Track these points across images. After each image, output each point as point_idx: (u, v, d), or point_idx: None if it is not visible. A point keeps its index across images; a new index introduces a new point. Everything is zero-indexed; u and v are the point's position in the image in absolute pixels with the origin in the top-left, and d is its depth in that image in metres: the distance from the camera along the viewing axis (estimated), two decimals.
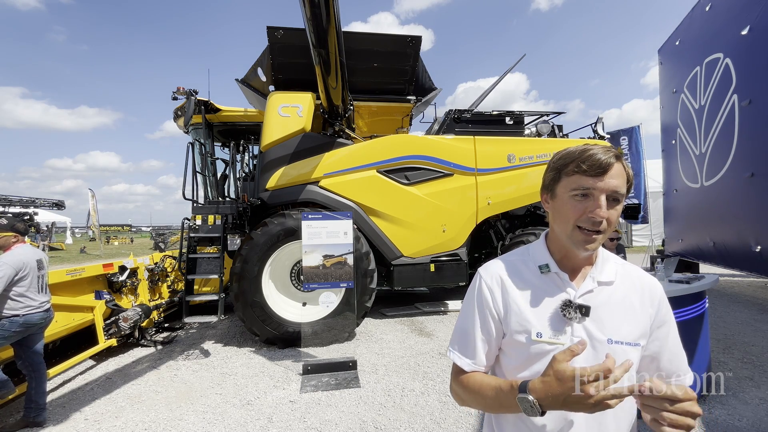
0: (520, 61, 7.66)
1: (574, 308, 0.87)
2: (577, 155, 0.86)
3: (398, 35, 5.89)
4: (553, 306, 0.89)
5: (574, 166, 0.86)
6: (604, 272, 0.93)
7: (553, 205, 0.93)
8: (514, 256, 1.01)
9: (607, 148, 0.85)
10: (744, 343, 4.50)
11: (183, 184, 5.28)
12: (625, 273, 0.95)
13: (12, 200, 8.16)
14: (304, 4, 3.41)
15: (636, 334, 0.88)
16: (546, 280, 0.93)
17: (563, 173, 0.89)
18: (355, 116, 6.57)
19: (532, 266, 0.96)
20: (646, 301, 0.92)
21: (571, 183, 0.86)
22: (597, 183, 0.83)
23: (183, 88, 5.25)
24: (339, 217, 4.38)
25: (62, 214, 24.75)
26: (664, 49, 8.11)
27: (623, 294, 0.91)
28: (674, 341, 0.93)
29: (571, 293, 0.90)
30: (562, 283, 0.92)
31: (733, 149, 5.46)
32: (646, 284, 0.94)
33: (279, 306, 4.97)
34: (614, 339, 0.86)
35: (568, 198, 0.87)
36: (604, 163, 0.83)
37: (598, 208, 0.82)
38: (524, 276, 0.95)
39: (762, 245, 4.95)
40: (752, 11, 4.99)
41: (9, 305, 2.99)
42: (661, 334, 0.91)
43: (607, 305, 0.89)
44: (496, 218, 6.33)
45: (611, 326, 0.87)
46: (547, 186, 0.94)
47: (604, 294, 0.91)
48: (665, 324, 0.92)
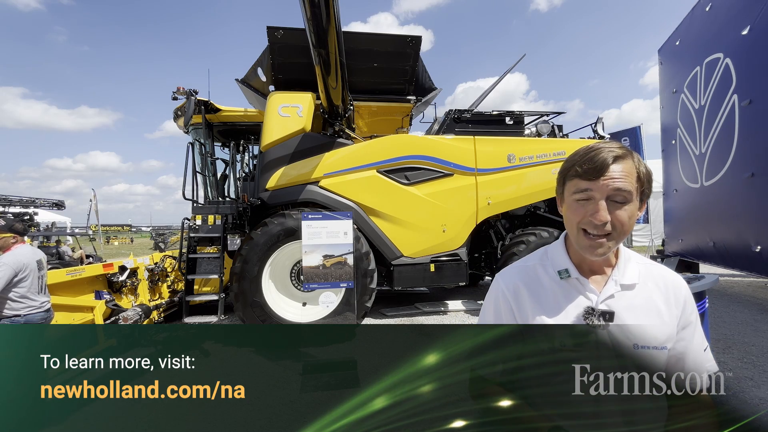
0: (520, 61, 7.66)
1: (597, 315, 0.84)
2: (577, 158, 0.84)
3: (398, 35, 5.89)
4: (575, 313, 0.86)
5: (573, 169, 0.84)
6: (626, 274, 0.89)
7: (564, 209, 0.91)
8: (533, 261, 0.98)
9: (612, 146, 0.82)
10: (744, 343, 4.49)
11: (183, 184, 5.28)
12: (648, 273, 0.91)
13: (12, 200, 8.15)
14: (304, 4, 3.41)
15: (662, 338, 0.84)
16: (566, 285, 0.89)
17: (566, 177, 0.87)
18: (355, 116, 6.56)
19: (551, 271, 0.92)
20: (671, 302, 0.88)
21: (572, 186, 0.85)
22: (593, 185, 0.81)
23: (183, 88, 5.25)
24: (339, 217, 4.38)
25: (62, 214, 24.74)
26: (664, 49, 8.11)
27: (647, 296, 0.88)
28: (699, 340, 0.90)
29: (592, 299, 0.87)
30: (582, 288, 0.88)
31: (733, 149, 5.46)
32: (670, 284, 0.90)
33: (279, 306, 4.97)
34: (641, 344, 0.81)
35: (572, 202, 0.85)
36: (599, 164, 0.80)
37: (596, 211, 0.80)
38: (543, 282, 0.92)
39: (762, 245, 4.95)
40: (752, 11, 4.99)
41: (10, 306, 2.99)
42: (686, 334, 0.88)
43: (632, 309, 0.86)
44: (496, 218, 6.32)
45: (637, 331, 0.83)
46: (558, 190, 0.93)
47: (628, 297, 0.87)
48: (691, 324, 0.89)
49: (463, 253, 5.83)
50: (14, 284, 3.02)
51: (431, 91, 6.67)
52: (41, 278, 3.25)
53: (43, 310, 3.16)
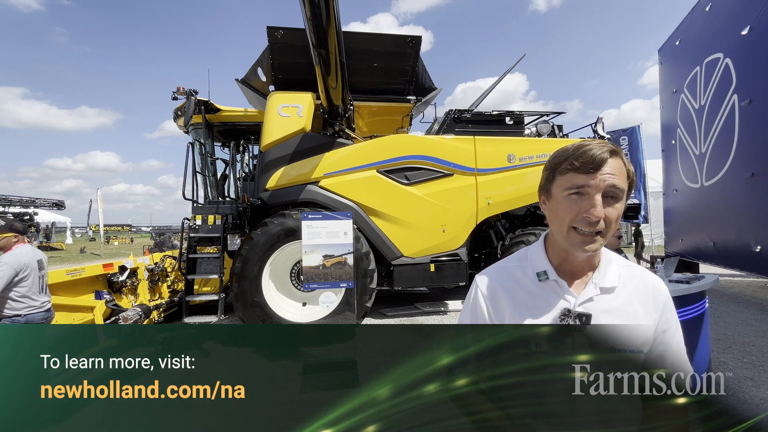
0: (520, 61, 7.66)
1: (574, 317, 0.83)
2: (570, 152, 0.82)
3: (398, 35, 5.89)
4: (552, 316, 0.85)
5: (568, 163, 0.82)
6: (606, 277, 0.88)
7: (550, 206, 0.89)
8: (512, 262, 0.97)
9: (602, 143, 0.81)
10: (744, 343, 4.49)
11: (183, 184, 5.28)
12: (629, 275, 0.90)
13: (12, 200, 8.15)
14: (304, 4, 3.41)
15: (639, 342, 0.83)
16: (544, 287, 0.88)
17: (557, 172, 0.85)
18: (355, 116, 6.56)
19: (530, 273, 0.91)
20: (650, 306, 0.87)
21: (565, 182, 0.82)
22: (590, 180, 0.79)
23: (183, 88, 5.25)
24: (339, 217, 4.38)
25: (62, 214, 24.77)
26: (664, 49, 8.12)
27: (626, 299, 0.87)
28: (678, 344, 0.88)
29: (570, 301, 0.86)
30: (560, 290, 0.87)
31: (733, 149, 5.46)
32: (650, 287, 0.89)
33: (279, 306, 4.97)
34: (617, 348, 0.81)
35: (563, 198, 0.83)
36: (597, 158, 0.78)
37: (592, 207, 0.78)
38: (522, 284, 0.91)
39: (762, 245, 4.95)
40: (752, 11, 4.99)
41: (11, 306, 3.00)
42: (665, 338, 0.87)
43: (609, 312, 0.85)
44: (496, 218, 6.32)
45: (613, 335, 0.82)
46: (543, 186, 0.90)
47: (606, 300, 0.86)
48: (670, 328, 0.88)
49: (463, 253, 5.83)
50: (15, 284, 3.02)
51: (431, 91, 6.67)
52: (42, 278, 3.25)
53: (44, 310, 3.16)
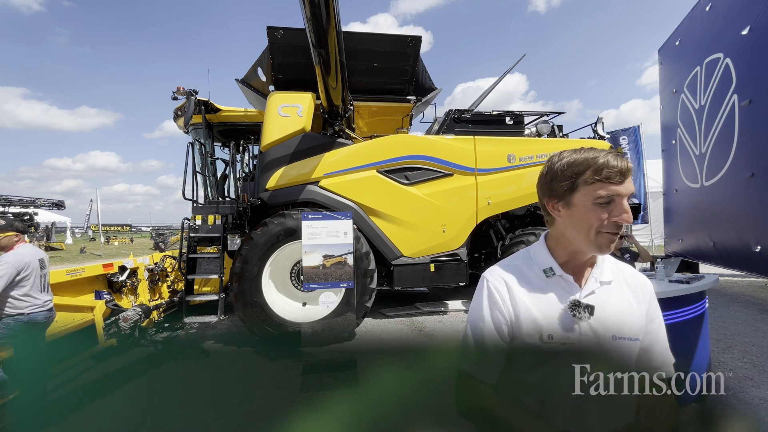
0: (520, 61, 7.67)
1: (583, 308, 0.90)
2: (592, 162, 0.88)
3: (398, 35, 5.89)
4: (561, 307, 0.92)
5: (593, 174, 0.87)
6: (604, 272, 0.97)
7: (569, 214, 0.92)
8: (517, 260, 1.03)
9: (612, 152, 0.88)
10: (744, 343, 4.49)
11: (183, 184, 5.27)
12: (620, 271, 1.01)
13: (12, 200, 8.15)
14: (304, 4, 3.41)
15: (635, 330, 0.93)
16: (551, 283, 0.96)
17: (580, 182, 0.89)
18: (355, 116, 6.56)
19: (536, 269, 0.98)
20: (640, 298, 0.98)
21: (593, 191, 0.87)
22: (620, 189, 0.86)
23: (183, 88, 5.24)
24: (339, 217, 4.38)
25: (62, 214, 24.75)
26: (664, 49, 8.12)
27: (620, 292, 0.97)
28: (664, 334, 0.99)
29: (576, 294, 0.94)
30: (567, 285, 0.95)
31: (733, 149, 5.46)
32: (638, 281, 1.00)
33: (279, 306, 4.96)
34: (618, 336, 0.91)
35: (591, 206, 0.88)
36: (624, 169, 0.86)
37: (624, 212, 0.86)
38: (529, 279, 0.97)
39: (762, 245, 4.95)
40: (752, 11, 4.99)
41: (13, 304, 3.00)
42: (653, 327, 0.97)
43: (609, 304, 0.94)
44: (496, 218, 6.32)
45: (614, 324, 0.91)
46: (560, 195, 0.93)
47: (605, 293, 0.95)
48: (656, 318, 0.99)
49: (463, 253, 5.83)
50: (17, 283, 3.02)
51: (431, 91, 6.67)
52: (43, 277, 3.25)
53: (46, 309, 3.16)
